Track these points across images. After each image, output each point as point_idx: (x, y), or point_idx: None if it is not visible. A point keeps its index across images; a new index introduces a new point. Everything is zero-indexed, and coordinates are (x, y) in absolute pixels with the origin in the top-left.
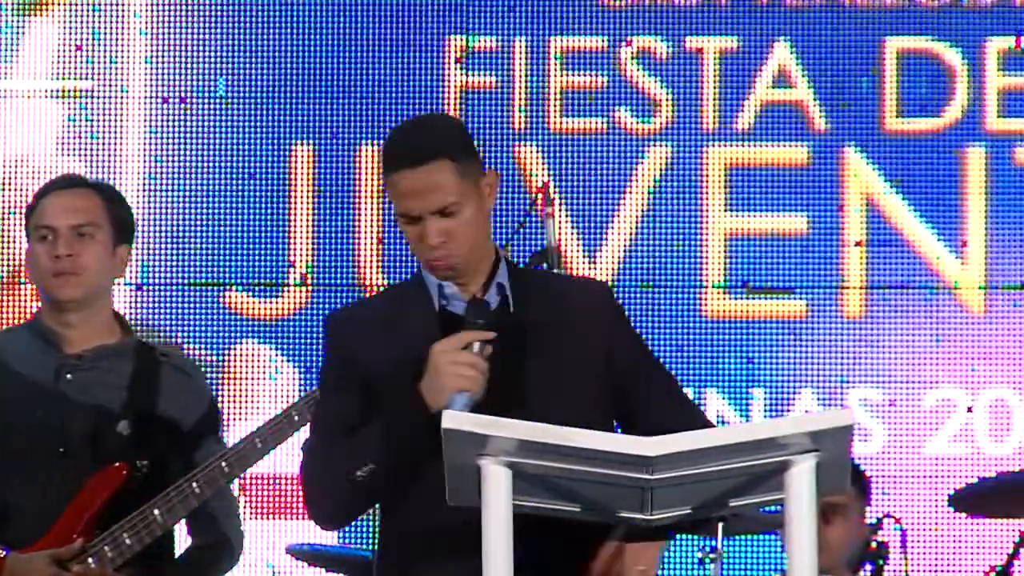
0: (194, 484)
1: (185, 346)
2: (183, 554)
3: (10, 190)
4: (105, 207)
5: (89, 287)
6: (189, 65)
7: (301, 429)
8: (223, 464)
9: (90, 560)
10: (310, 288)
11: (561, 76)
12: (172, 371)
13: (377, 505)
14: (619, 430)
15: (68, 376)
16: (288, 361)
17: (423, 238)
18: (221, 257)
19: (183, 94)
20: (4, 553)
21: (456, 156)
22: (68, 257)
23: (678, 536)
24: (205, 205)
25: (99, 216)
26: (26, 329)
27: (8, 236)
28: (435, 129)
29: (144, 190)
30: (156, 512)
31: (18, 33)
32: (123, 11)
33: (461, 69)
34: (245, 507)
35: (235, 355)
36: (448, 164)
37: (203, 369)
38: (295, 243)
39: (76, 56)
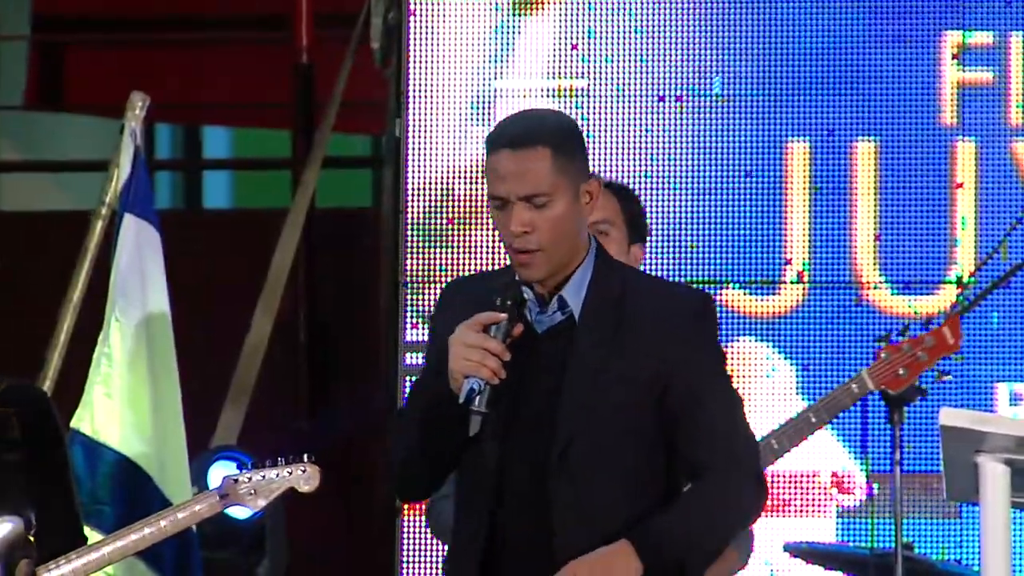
0: None
1: None
2: None
3: None
4: (620, 206)
5: None
6: (685, 63)
7: (818, 430)
8: None
9: None
10: (806, 286)
11: None
12: None
13: None
14: None
15: None
16: (785, 358)
17: (508, 225)
18: (717, 255)
19: (679, 92)
20: None
21: (557, 149)
22: None
23: None
24: (701, 203)
25: (614, 214)
26: None
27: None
28: (544, 119)
29: (640, 188)
30: None
31: (513, 32)
32: (618, 9)
33: (957, 65)
34: None
35: (732, 352)
36: (547, 153)
37: None
38: (791, 240)
39: (571, 55)
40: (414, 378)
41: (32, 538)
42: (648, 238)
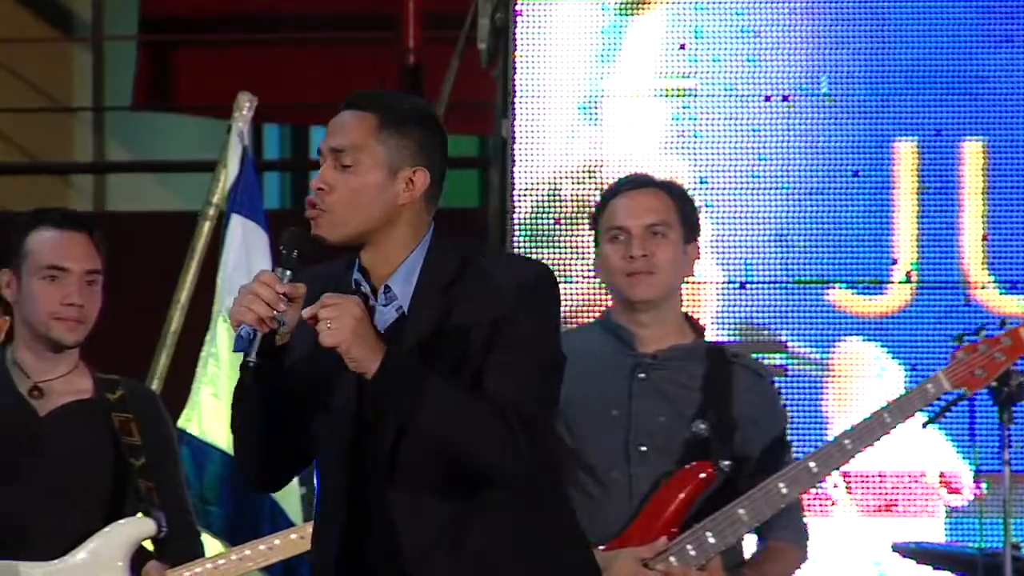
0: (781, 484)
1: (789, 343)
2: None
3: None
4: (676, 206)
5: (663, 286)
6: (792, 62)
7: (892, 431)
8: (811, 464)
9: (672, 559)
10: (915, 286)
11: None
12: (745, 372)
13: None
14: None
15: (642, 376)
16: (894, 359)
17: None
18: (826, 254)
19: (787, 92)
20: None
21: (387, 121)
22: (643, 257)
23: None
24: (808, 202)
25: (670, 215)
26: (598, 327)
27: None
28: (399, 97)
29: (747, 188)
30: (742, 511)
31: (621, 32)
32: (726, 9)
33: None
34: (850, 505)
35: (839, 353)
36: (372, 119)
37: (805, 366)
38: (899, 240)
39: (679, 55)
40: None
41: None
42: (757, 237)
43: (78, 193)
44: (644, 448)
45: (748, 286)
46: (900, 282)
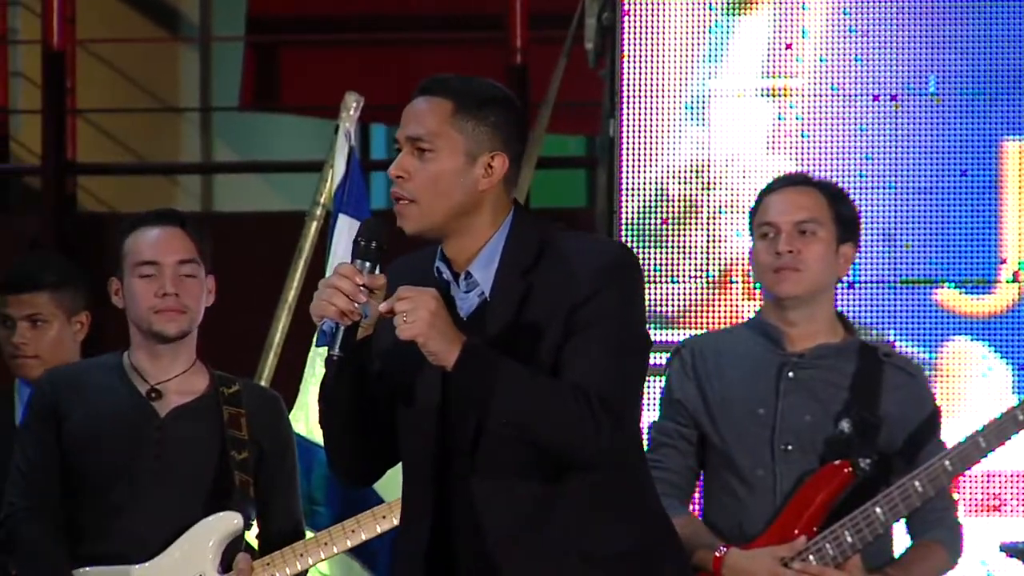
0: (916, 483)
1: (896, 343)
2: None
3: (720, 189)
4: (828, 204)
5: (809, 284)
6: (899, 62)
7: None
8: (946, 463)
9: (811, 558)
10: (1022, 285)
11: None
12: (895, 371)
13: None
14: None
15: (790, 374)
16: (1001, 358)
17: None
18: (932, 254)
19: (894, 91)
20: (723, 551)
21: (462, 105)
22: (789, 253)
23: None
24: (915, 202)
25: (821, 213)
26: (747, 327)
27: (719, 235)
28: (474, 82)
29: (854, 188)
30: (878, 510)
31: (728, 32)
32: (833, 8)
33: None
34: (958, 504)
35: (946, 352)
36: (447, 105)
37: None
38: (1006, 239)
39: (786, 54)
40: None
41: (257, 537)
42: (862, 237)
43: (185, 194)
44: (789, 447)
45: (856, 286)
46: (1007, 282)
